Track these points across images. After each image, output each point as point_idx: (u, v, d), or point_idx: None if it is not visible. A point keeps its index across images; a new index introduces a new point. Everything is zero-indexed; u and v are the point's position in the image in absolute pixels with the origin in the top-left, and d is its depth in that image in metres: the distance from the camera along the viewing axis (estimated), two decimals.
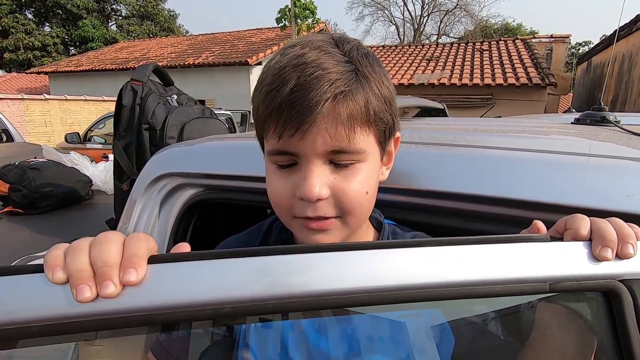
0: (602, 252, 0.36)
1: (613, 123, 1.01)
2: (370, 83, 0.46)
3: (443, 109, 1.80)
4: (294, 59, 0.44)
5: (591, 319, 0.40)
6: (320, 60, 0.44)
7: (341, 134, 0.44)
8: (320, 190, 0.45)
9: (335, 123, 0.43)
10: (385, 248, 0.35)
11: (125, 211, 0.96)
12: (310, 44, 0.46)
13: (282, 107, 0.43)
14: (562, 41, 10.77)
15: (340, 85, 0.43)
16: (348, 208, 0.47)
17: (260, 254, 0.34)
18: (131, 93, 1.46)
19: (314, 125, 0.43)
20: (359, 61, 0.46)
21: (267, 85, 0.45)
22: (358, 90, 0.44)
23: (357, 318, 0.49)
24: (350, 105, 0.44)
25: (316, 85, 0.42)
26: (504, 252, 0.36)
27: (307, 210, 0.46)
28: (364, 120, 0.45)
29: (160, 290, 0.31)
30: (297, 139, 0.44)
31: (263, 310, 0.33)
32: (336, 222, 0.48)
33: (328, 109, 0.43)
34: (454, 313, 0.45)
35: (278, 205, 0.49)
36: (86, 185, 3.16)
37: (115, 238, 0.33)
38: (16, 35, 22.95)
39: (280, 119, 0.44)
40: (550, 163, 0.58)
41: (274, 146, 0.47)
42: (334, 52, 0.46)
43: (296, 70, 0.43)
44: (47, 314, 0.30)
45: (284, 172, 0.48)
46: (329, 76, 0.43)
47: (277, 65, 0.45)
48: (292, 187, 0.47)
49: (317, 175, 0.45)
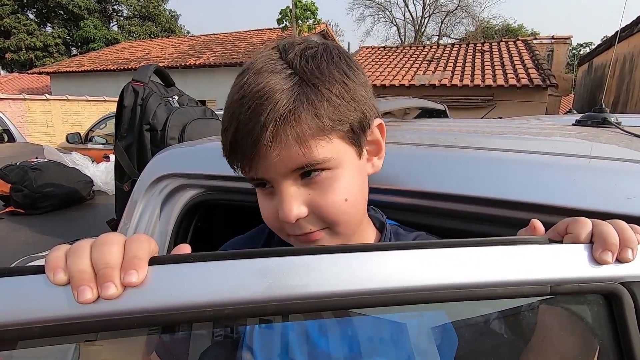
0: (603, 255, 0.36)
1: (614, 125, 1.01)
2: (319, 88, 0.44)
3: (444, 110, 1.80)
4: (237, 91, 0.45)
5: (592, 322, 0.40)
6: (258, 87, 0.43)
7: (296, 152, 0.43)
8: (298, 211, 0.45)
9: (285, 146, 0.43)
10: (386, 250, 0.35)
11: (126, 212, 0.96)
12: (253, 67, 0.46)
13: (232, 147, 0.46)
14: (563, 42, 10.77)
15: (279, 107, 0.42)
16: (331, 219, 0.47)
17: (261, 255, 0.34)
18: (132, 94, 1.46)
19: (265, 156, 0.44)
20: (304, 68, 0.44)
21: (222, 122, 0.48)
22: (302, 104, 0.43)
23: (359, 319, 0.49)
24: (294, 125, 0.42)
25: (255, 118, 0.43)
26: (505, 254, 0.36)
27: (294, 229, 0.47)
28: (318, 132, 0.44)
29: (161, 292, 0.31)
30: (257, 167, 0.45)
31: (264, 311, 0.33)
32: (324, 233, 0.48)
33: (271, 137, 0.42)
34: (457, 314, 0.45)
35: (270, 225, 0.51)
36: (87, 185, 3.17)
37: (116, 239, 0.33)
38: (18, 36, 23.02)
39: (236, 156, 0.46)
40: (552, 165, 0.58)
41: (246, 175, 0.48)
42: (276, 68, 0.44)
43: (238, 106, 0.44)
44: (48, 315, 0.30)
45: (268, 195, 0.49)
46: (266, 103, 0.42)
47: (227, 100, 0.47)
48: (275, 210, 0.47)
49: (290, 196, 0.45)
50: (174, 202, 0.92)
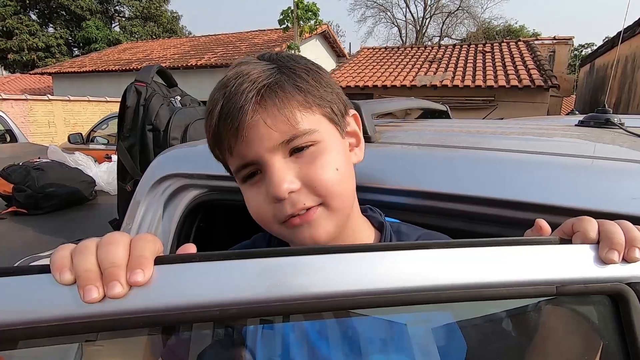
0: (609, 255, 0.35)
1: (618, 125, 1.01)
2: (297, 71, 0.47)
3: (446, 110, 1.79)
4: (219, 82, 0.48)
5: (598, 322, 0.40)
6: (239, 71, 0.46)
7: (280, 121, 0.44)
8: (289, 184, 0.45)
9: (269, 114, 0.44)
10: (389, 250, 0.35)
11: (128, 212, 0.96)
12: (232, 65, 0.49)
13: (219, 123, 0.46)
14: (564, 43, 10.76)
15: (262, 80, 0.45)
16: (324, 190, 0.47)
17: (266, 255, 0.34)
18: (135, 94, 1.47)
19: (249, 123, 0.44)
20: (280, 60, 0.48)
21: (205, 114, 0.49)
22: (282, 78, 0.46)
23: (360, 320, 0.49)
24: (279, 92, 0.45)
25: (240, 90, 0.45)
26: (510, 254, 0.36)
27: (286, 208, 0.46)
28: (301, 102, 0.46)
29: (166, 291, 0.31)
30: (242, 144, 0.45)
31: (269, 312, 0.33)
32: (320, 209, 0.47)
33: (256, 104, 0.44)
34: (465, 319, 0.45)
35: (261, 220, 0.50)
36: (89, 185, 3.18)
37: (122, 239, 0.33)
38: (20, 36, 23.09)
39: (223, 134, 0.46)
40: (556, 165, 0.58)
41: (233, 164, 0.48)
42: (254, 61, 0.49)
43: (222, 89, 0.47)
44: (54, 314, 0.30)
45: (255, 187, 0.49)
46: (249, 78, 0.45)
47: (210, 95, 0.49)
48: (265, 195, 0.47)
49: (279, 170, 0.45)
50: (177, 202, 0.92)
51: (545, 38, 11.24)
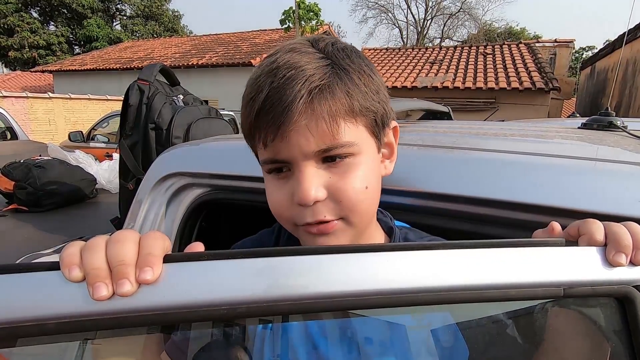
0: (616, 258, 0.35)
1: (621, 128, 1.01)
2: (350, 74, 0.45)
3: (448, 112, 1.79)
4: (267, 66, 0.44)
5: (605, 325, 0.40)
6: (292, 61, 0.43)
7: (324, 129, 0.42)
8: (316, 193, 0.44)
9: (314, 119, 0.42)
10: (391, 251, 0.35)
11: (131, 210, 0.96)
12: (284, 49, 0.46)
13: (260, 114, 0.43)
14: (565, 46, 10.77)
15: (314, 80, 0.42)
16: (348, 207, 0.45)
17: (274, 254, 0.34)
18: (138, 92, 1.47)
19: (293, 125, 0.42)
20: (335, 55, 0.45)
21: (245, 97, 0.46)
22: (335, 82, 0.43)
23: (366, 322, 0.49)
24: (328, 98, 0.43)
25: (289, 85, 0.42)
26: (518, 256, 0.36)
27: (306, 215, 0.45)
28: (348, 112, 0.44)
29: (175, 290, 0.31)
30: (280, 142, 0.43)
31: (277, 311, 0.33)
32: (339, 223, 0.46)
33: (304, 106, 0.42)
34: (468, 322, 0.44)
35: (279, 216, 0.49)
36: (91, 183, 3.17)
37: (131, 236, 0.33)
38: (21, 34, 23.07)
39: (262, 126, 0.44)
40: (561, 167, 0.58)
41: (263, 156, 0.46)
42: (308, 50, 0.45)
43: (269, 76, 0.43)
44: (63, 311, 0.30)
45: (280, 181, 0.47)
46: (302, 74, 0.42)
47: (253, 77, 0.46)
48: (289, 195, 0.46)
49: (310, 176, 0.44)
50: (179, 201, 0.92)
51: (546, 40, 11.25)
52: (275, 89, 0.42)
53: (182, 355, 0.46)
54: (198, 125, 1.50)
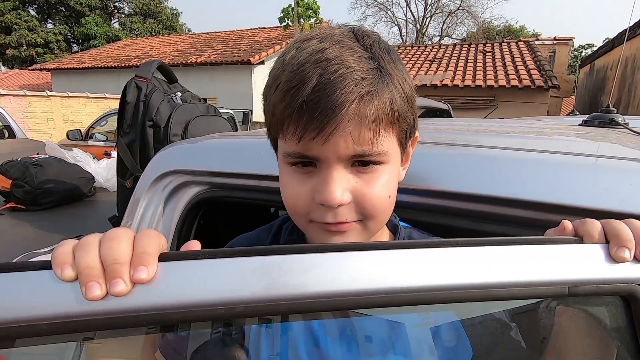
0: (619, 253, 0.35)
1: (622, 125, 1.00)
2: (394, 81, 0.44)
3: (448, 109, 1.79)
4: (314, 54, 0.41)
5: (610, 324, 0.39)
6: (343, 57, 0.41)
7: (365, 136, 0.42)
8: (342, 196, 0.43)
9: (359, 125, 0.41)
10: (394, 249, 0.35)
11: (128, 208, 0.95)
12: (330, 38, 0.43)
13: (304, 107, 0.40)
14: (565, 44, 10.76)
15: (366, 85, 0.41)
16: (370, 213, 0.45)
17: (272, 253, 0.33)
18: (135, 90, 1.45)
19: (338, 128, 0.40)
20: (382, 57, 0.44)
21: (285, 82, 0.42)
22: (384, 89, 0.42)
23: (370, 320, 0.48)
24: (377, 105, 0.42)
25: (340, 85, 0.40)
26: (522, 254, 0.35)
27: (327, 215, 0.44)
28: (389, 121, 0.43)
29: (171, 289, 0.30)
30: (319, 142, 0.41)
31: (275, 310, 0.32)
32: (356, 225, 0.46)
33: (354, 111, 0.40)
34: (471, 322, 0.44)
35: (294, 209, 0.47)
36: (88, 182, 3.16)
37: (125, 234, 0.32)
38: (19, 32, 22.98)
39: (301, 120, 0.41)
40: (563, 164, 0.57)
41: (292, 148, 0.44)
42: (355, 47, 0.43)
43: (317, 67, 0.40)
44: (55, 311, 0.29)
45: (302, 175, 0.46)
46: (353, 75, 0.40)
47: (295, 61, 0.42)
48: (311, 192, 0.45)
49: (338, 180, 0.43)
50: (178, 199, 0.91)
51: (546, 38, 11.24)
52: (325, 85, 0.40)
53: (176, 355, 0.45)
54: (196, 123, 1.49)
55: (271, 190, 0.77)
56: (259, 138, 0.89)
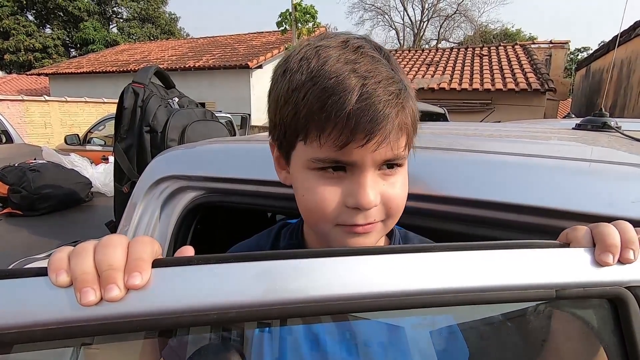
0: (603, 257, 0.36)
1: (614, 129, 1.01)
2: (411, 91, 0.47)
3: (444, 113, 1.80)
4: (347, 64, 0.42)
5: (598, 326, 0.40)
6: (377, 69, 0.43)
7: (402, 143, 0.46)
8: (376, 199, 0.46)
9: (397, 134, 0.44)
10: (390, 253, 0.35)
11: (125, 214, 0.95)
12: (355, 50, 0.44)
13: (351, 115, 0.41)
14: (561, 47, 10.84)
15: (403, 97, 0.44)
16: (393, 212, 0.49)
17: (265, 258, 0.33)
18: (133, 95, 1.46)
19: (386, 137, 0.43)
20: (398, 69, 0.47)
21: (321, 90, 0.42)
22: (409, 99, 0.46)
23: (371, 324, 0.49)
24: (407, 114, 0.45)
25: (384, 96, 0.42)
26: (510, 258, 0.36)
27: (358, 218, 0.46)
28: (410, 128, 0.47)
29: (164, 295, 0.31)
30: (364, 149, 0.43)
31: (267, 315, 0.33)
32: (379, 224, 0.49)
33: (398, 120, 0.43)
34: (467, 325, 0.45)
35: (321, 214, 0.47)
36: (86, 187, 3.15)
37: (120, 241, 0.32)
38: (17, 37, 22.99)
39: (347, 129, 0.41)
40: (555, 168, 0.58)
41: (326, 154, 0.44)
42: (381, 59, 0.45)
43: (358, 77, 0.42)
44: (50, 317, 0.29)
45: (330, 180, 0.46)
46: (391, 87, 0.43)
47: (327, 68, 0.42)
48: (341, 196, 0.46)
49: (372, 183, 0.45)
50: (174, 204, 0.91)
51: (542, 42, 11.32)
52: (370, 95, 0.41)
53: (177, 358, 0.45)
54: (193, 128, 1.50)
55: (268, 195, 0.77)
56: (254, 143, 0.90)
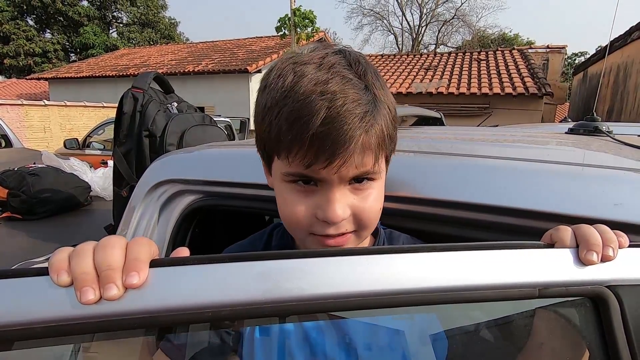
0: (588, 256, 0.37)
1: (605, 133, 1.03)
2: (385, 107, 0.48)
3: (440, 117, 1.82)
4: (318, 85, 0.44)
5: (580, 325, 0.41)
6: (345, 91, 0.44)
7: (368, 161, 0.47)
8: (344, 213, 0.47)
9: (363, 154, 0.46)
10: (380, 254, 0.37)
11: (124, 217, 0.96)
12: (329, 68, 0.45)
13: (314, 138, 0.43)
14: (558, 51, 10.90)
15: (369, 119, 0.45)
16: (366, 224, 0.50)
17: (257, 258, 0.35)
18: (132, 100, 1.48)
19: (348, 160, 0.44)
20: (374, 85, 0.47)
21: (291, 112, 0.44)
22: (380, 118, 0.46)
23: (360, 326, 0.50)
24: (377, 134, 0.46)
25: (348, 119, 0.43)
26: (494, 258, 0.37)
27: (329, 229, 0.48)
28: (384, 145, 0.48)
29: (161, 293, 0.32)
30: (328, 169, 0.45)
31: (261, 313, 0.34)
32: (352, 235, 0.50)
33: (360, 143, 0.44)
34: (447, 319, 0.46)
35: (294, 224, 0.50)
36: (85, 191, 3.17)
37: (118, 242, 0.34)
38: (17, 42, 23.06)
39: (311, 150, 0.43)
40: (543, 172, 0.60)
41: (295, 170, 0.46)
42: (353, 79, 0.46)
43: (324, 100, 0.43)
44: (51, 315, 0.31)
45: (302, 193, 0.49)
46: (357, 109, 0.44)
47: (299, 89, 0.44)
48: (312, 209, 0.48)
49: (340, 199, 0.47)
50: (172, 207, 0.93)
51: (539, 46, 11.38)
52: (333, 118, 0.43)
53: (178, 351, 0.47)
54: (192, 133, 1.51)
55: (265, 198, 0.78)
56: (251, 148, 0.91)
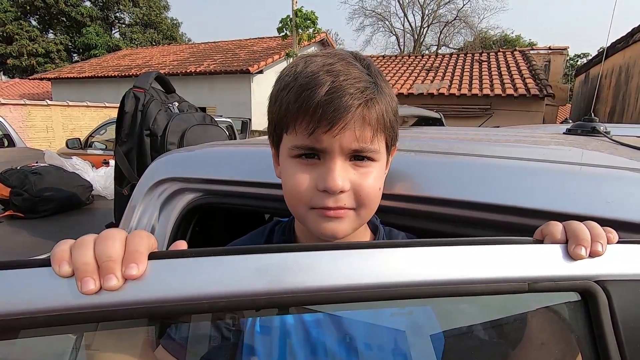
0: (577, 250, 0.38)
1: (602, 134, 1.04)
2: (386, 96, 0.53)
3: (440, 118, 1.83)
4: (325, 66, 0.50)
5: (569, 319, 0.42)
6: (349, 70, 0.50)
7: (367, 135, 0.50)
8: (344, 184, 0.50)
9: (363, 125, 0.50)
10: (377, 248, 0.38)
11: (125, 215, 0.97)
12: (335, 56, 0.52)
13: (318, 106, 0.47)
14: (560, 53, 10.89)
15: (369, 93, 0.50)
16: (364, 201, 0.53)
17: (255, 251, 0.36)
18: (133, 100, 1.49)
19: (347, 125, 0.48)
20: (377, 76, 0.53)
21: (299, 86, 0.49)
22: (380, 99, 0.51)
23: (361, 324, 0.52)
24: (377, 111, 0.50)
25: (350, 90, 0.48)
26: (485, 252, 0.38)
27: (328, 201, 0.51)
28: (383, 126, 0.52)
29: (159, 284, 0.33)
30: (329, 135, 0.49)
31: (258, 305, 0.35)
32: (351, 212, 0.53)
33: (360, 113, 0.49)
34: (442, 314, 0.47)
35: (297, 196, 0.53)
36: (87, 190, 3.18)
37: (118, 234, 0.35)
38: (20, 42, 23.17)
39: (315, 117, 0.48)
40: (539, 171, 0.60)
41: (301, 141, 0.51)
42: (357, 64, 0.52)
43: (330, 75, 0.49)
44: (52, 305, 0.32)
45: (306, 166, 0.52)
46: (359, 84, 0.49)
47: (308, 69, 0.50)
48: (314, 180, 0.51)
49: (340, 169, 0.50)
50: (173, 205, 0.94)
51: (541, 48, 11.37)
52: (336, 89, 0.48)
53: (179, 347, 0.48)
54: (193, 132, 1.53)
55: (264, 196, 0.79)
56: (251, 146, 0.92)
